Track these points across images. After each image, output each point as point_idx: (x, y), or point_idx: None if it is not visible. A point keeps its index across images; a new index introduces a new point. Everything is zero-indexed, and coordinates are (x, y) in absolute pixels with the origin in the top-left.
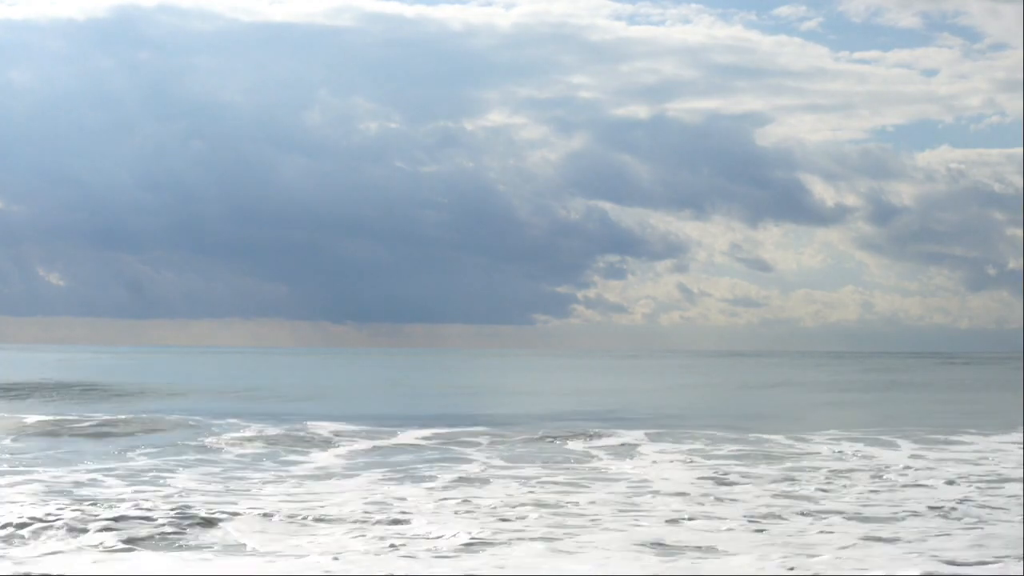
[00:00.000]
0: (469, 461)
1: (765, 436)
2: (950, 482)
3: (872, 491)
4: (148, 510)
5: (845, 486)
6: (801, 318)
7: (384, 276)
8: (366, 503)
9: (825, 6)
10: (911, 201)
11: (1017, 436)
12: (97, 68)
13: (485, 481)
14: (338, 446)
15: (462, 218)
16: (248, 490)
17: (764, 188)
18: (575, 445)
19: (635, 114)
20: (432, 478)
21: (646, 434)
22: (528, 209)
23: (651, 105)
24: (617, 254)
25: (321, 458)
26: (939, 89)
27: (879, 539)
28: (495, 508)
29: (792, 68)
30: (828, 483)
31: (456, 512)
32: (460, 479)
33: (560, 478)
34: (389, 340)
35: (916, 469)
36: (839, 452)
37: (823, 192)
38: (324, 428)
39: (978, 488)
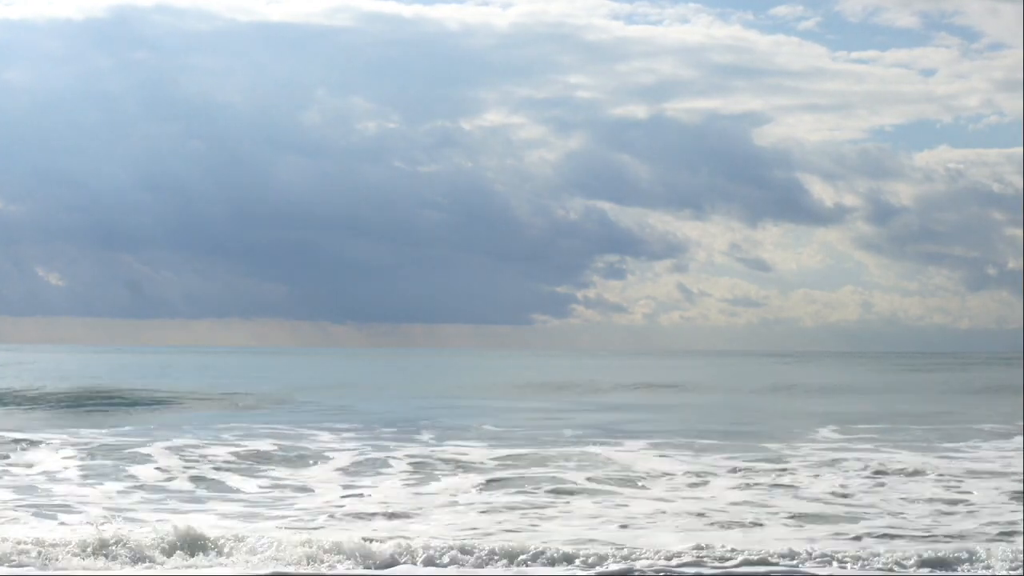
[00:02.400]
0: None
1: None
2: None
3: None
4: None
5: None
6: (800, 318)
7: (384, 276)
8: None
9: (822, 6)
10: (910, 201)
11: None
12: (95, 68)
13: None
14: None
15: (461, 218)
16: None
17: (763, 188)
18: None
19: (633, 114)
20: None
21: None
22: (527, 209)
23: (649, 105)
24: (616, 254)
25: None
26: (937, 89)
27: None
28: None
29: (790, 68)
30: None
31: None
32: None
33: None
34: (389, 340)
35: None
36: None
37: (822, 192)
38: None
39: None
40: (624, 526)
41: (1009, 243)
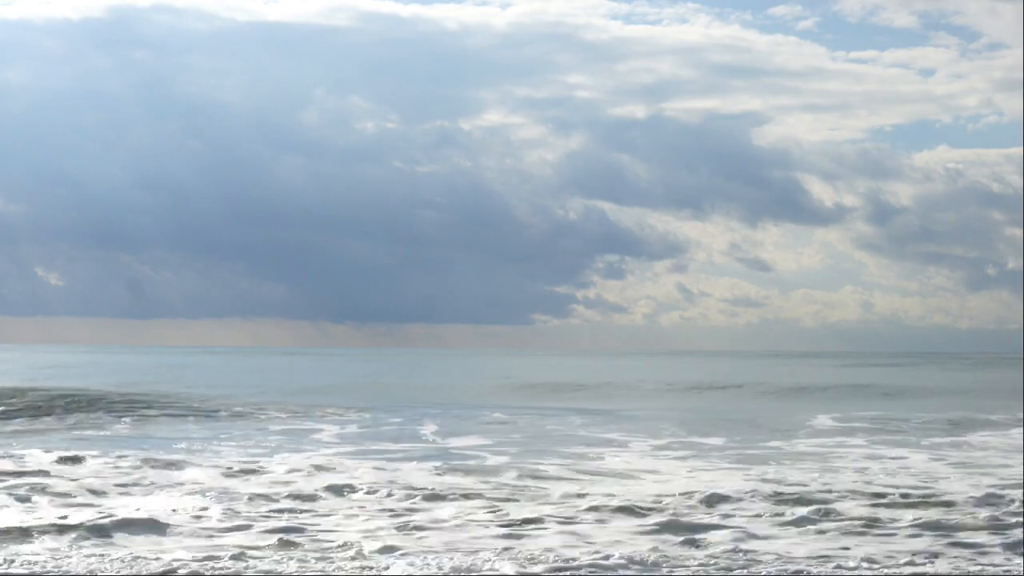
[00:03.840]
0: None
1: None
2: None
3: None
4: None
5: None
6: (801, 318)
7: (384, 276)
8: None
9: (820, 5)
10: (909, 201)
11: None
12: (93, 68)
13: None
14: None
15: (460, 218)
16: None
17: (762, 188)
18: None
19: (632, 113)
20: None
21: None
22: (526, 209)
23: (648, 104)
24: (616, 254)
25: None
26: (936, 89)
27: None
28: None
29: (789, 67)
30: None
31: None
32: None
33: None
34: (388, 340)
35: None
36: None
37: (821, 192)
38: None
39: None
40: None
41: (1009, 243)
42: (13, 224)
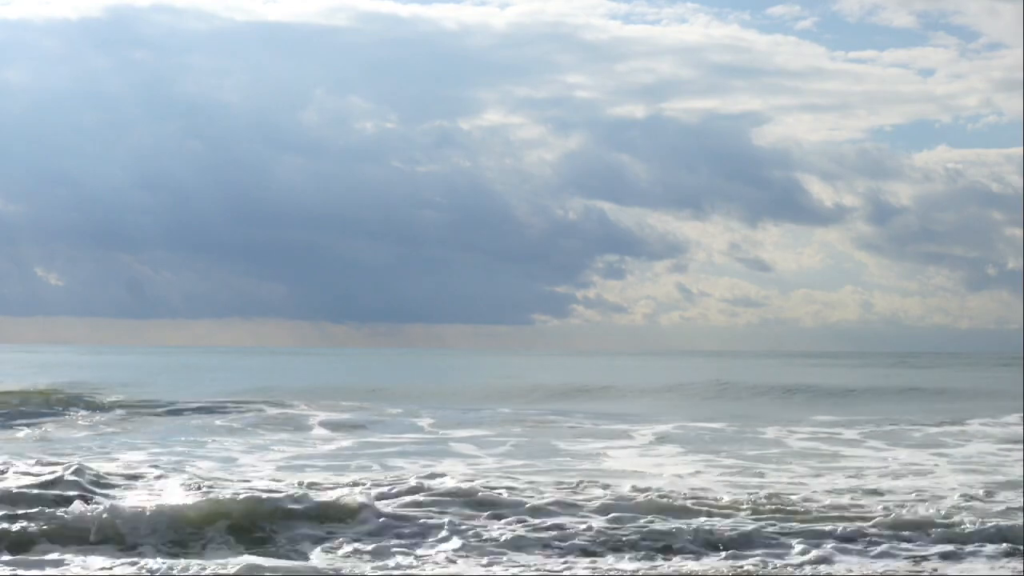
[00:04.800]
0: None
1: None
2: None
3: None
4: None
5: None
6: (800, 318)
7: (383, 276)
8: None
9: (819, 5)
10: (909, 201)
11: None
12: (92, 68)
13: None
14: None
15: (460, 218)
16: None
17: (762, 188)
18: None
19: (632, 113)
20: None
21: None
22: (526, 209)
23: (648, 104)
24: (616, 254)
25: None
26: (936, 89)
27: None
28: None
29: (788, 67)
30: None
31: None
32: None
33: None
34: (388, 340)
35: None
36: None
37: (821, 192)
38: None
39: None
40: None
41: (1009, 243)
42: (13, 224)
